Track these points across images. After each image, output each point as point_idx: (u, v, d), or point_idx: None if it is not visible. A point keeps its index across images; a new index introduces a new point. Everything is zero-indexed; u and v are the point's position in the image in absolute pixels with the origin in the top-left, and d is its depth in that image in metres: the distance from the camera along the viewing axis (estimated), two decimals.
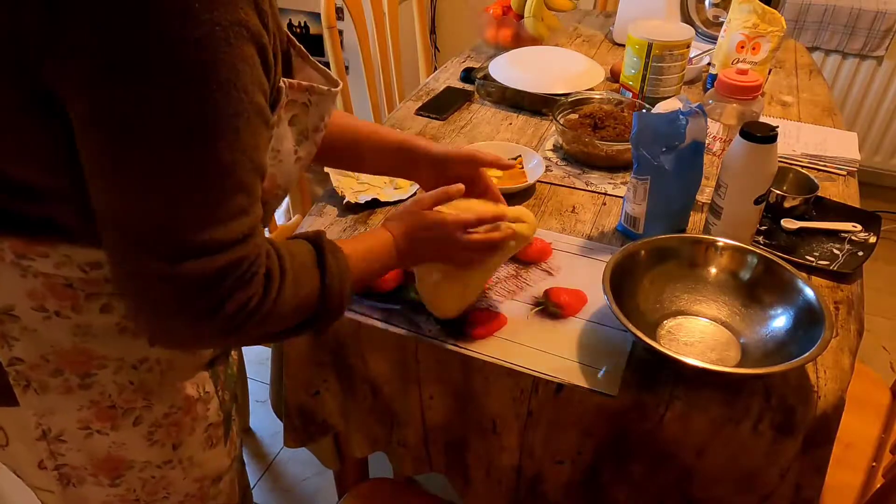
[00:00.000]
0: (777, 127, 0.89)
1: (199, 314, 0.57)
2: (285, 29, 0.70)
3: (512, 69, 1.44)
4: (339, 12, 1.69)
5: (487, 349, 0.83)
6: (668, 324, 0.87)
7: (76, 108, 0.51)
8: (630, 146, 1.00)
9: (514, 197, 1.11)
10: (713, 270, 0.89)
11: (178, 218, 0.54)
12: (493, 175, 1.14)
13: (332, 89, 0.72)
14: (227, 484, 0.88)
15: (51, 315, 0.66)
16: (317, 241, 0.70)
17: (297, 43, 0.73)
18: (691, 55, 1.47)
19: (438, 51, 2.97)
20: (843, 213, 1.08)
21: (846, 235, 1.03)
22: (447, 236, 0.80)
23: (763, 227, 1.05)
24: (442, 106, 1.40)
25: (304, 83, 0.67)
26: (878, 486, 0.95)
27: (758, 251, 0.87)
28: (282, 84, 0.63)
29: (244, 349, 1.56)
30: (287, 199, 1.68)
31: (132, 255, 0.55)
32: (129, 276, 0.57)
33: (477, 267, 0.84)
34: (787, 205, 1.06)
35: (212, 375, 0.81)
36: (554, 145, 1.28)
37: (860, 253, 0.99)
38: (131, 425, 0.74)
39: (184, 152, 0.52)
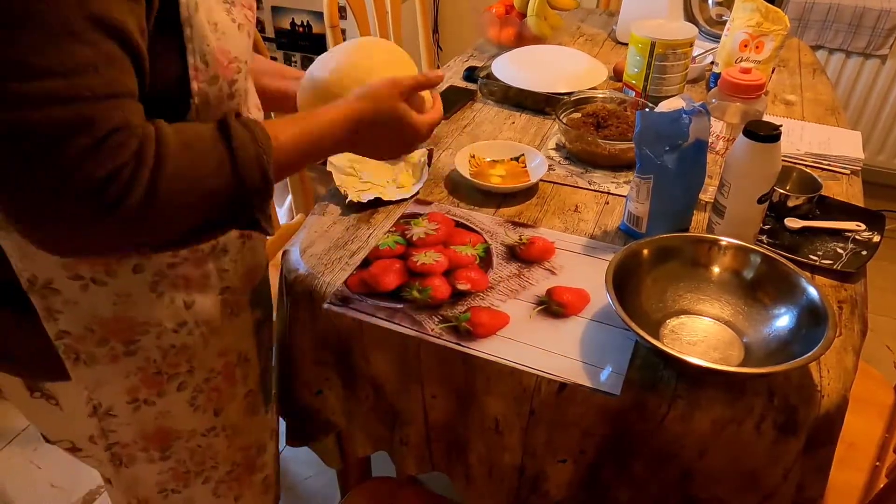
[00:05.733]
0: (780, 126, 0.89)
1: (53, 177, 0.51)
2: None
3: (515, 68, 1.44)
4: (342, 11, 1.69)
5: (490, 348, 0.83)
6: (671, 323, 0.87)
7: None
8: (633, 145, 1.00)
9: (516, 196, 1.11)
10: (716, 270, 0.89)
11: (4, 61, 0.49)
12: (495, 174, 1.14)
13: None
14: (270, 457, 0.90)
15: (87, 283, 0.67)
16: (224, 116, 0.65)
17: None
18: (694, 54, 1.46)
19: (441, 50, 2.97)
20: (847, 212, 1.08)
21: (850, 234, 1.03)
22: (411, 140, 0.84)
23: (766, 227, 1.04)
24: (445, 105, 1.38)
25: None
26: (882, 485, 0.95)
27: (761, 250, 0.87)
28: None
29: None
30: (290, 199, 1.68)
31: None
32: None
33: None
34: (790, 204, 1.06)
35: (257, 342, 0.82)
36: (557, 144, 1.28)
37: (864, 252, 0.99)
38: (175, 391, 0.76)
39: None
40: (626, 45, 1.41)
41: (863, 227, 1.04)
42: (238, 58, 0.68)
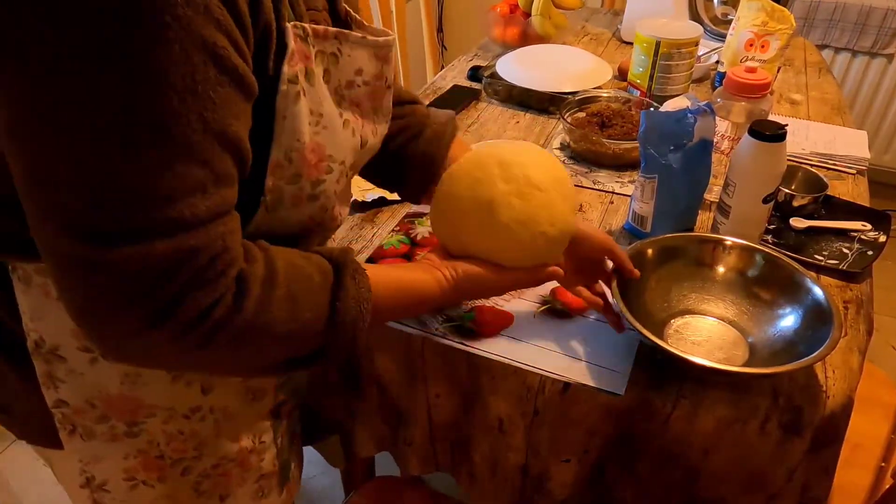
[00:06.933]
0: (786, 125, 0.88)
1: (147, 316, 0.47)
2: None
3: (519, 67, 1.43)
4: None
5: (494, 348, 0.83)
6: (676, 323, 0.87)
7: None
8: (637, 145, 1.00)
9: None
10: (721, 269, 0.89)
11: (104, 188, 0.44)
12: None
13: (370, 37, 0.63)
14: None
15: (97, 356, 0.61)
16: (339, 258, 0.58)
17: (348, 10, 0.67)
18: (699, 53, 1.46)
19: (445, 49, 2.97)
20: (853, 211, 1.07)
21: (855, 234, 1.02)
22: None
23: (771, 226, 1.04)
24: (449, 104, 1.40)
25: (329, 28, 0.58)
26: (887, 486, 0.94)
27: (766, 250, 0.87)
28: (292, 29, 0.54)
29: None
30: None
31: (54, 238, 0.46)
32: (57, 267, 0.47)
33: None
34: (795, 204, 1.06)
35: (273, 424, 0.77)
36: (561, 144, 1.28)
37: (869, 252, 0.98)
38: (179, 475, 0.70)
39: (112, 101, 0.43)
40: (631, 44, 1.41)
41: (868, 226, 1.03)
42: (333, 157, 0.61)
